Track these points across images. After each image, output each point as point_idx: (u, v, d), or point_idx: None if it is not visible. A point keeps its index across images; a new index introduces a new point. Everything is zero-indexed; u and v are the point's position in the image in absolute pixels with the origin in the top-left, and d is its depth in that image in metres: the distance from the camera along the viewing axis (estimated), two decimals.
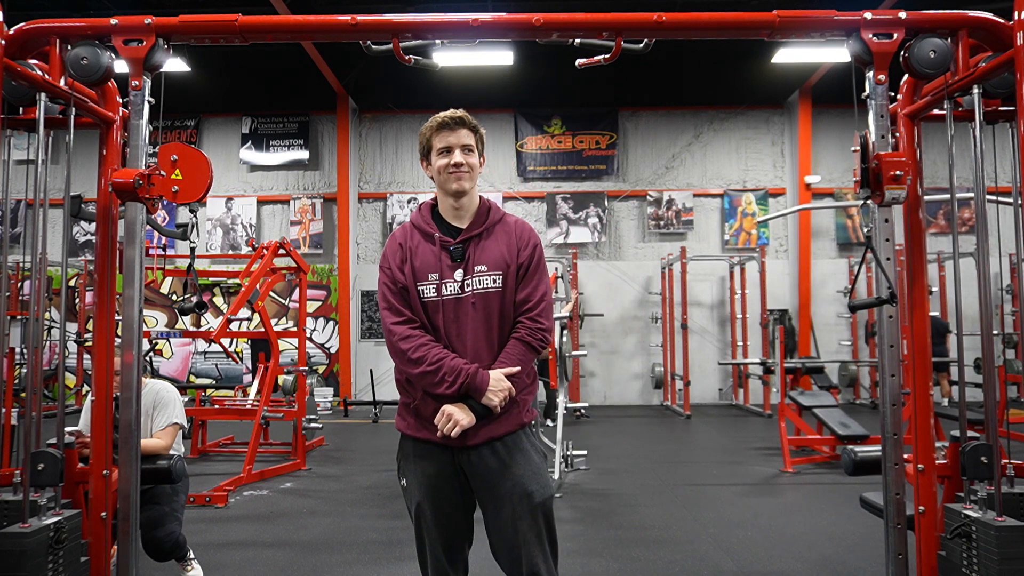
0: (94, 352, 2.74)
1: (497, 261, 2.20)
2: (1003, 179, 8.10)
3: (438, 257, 2.20)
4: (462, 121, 2.25)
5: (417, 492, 2.20)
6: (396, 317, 2.19)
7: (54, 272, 11.28)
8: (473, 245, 2.22)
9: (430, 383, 2.12)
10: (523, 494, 2.12)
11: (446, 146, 2.24)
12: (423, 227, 2.27)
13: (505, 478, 2.14)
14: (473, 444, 2.14)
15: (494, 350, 2.18)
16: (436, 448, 2.18)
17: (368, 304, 12.46)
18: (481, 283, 2.18)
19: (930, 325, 2.78)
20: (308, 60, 10.65)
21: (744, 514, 4.96)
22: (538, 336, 2.20)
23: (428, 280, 2.19)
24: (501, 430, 2.16)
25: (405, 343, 2.15)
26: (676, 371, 11.19)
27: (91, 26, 2.62)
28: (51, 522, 2.46)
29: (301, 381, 7.17)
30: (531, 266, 2.23)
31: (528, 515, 2.12)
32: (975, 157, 2.63)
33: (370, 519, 4.88)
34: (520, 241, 2.25)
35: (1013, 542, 2.34)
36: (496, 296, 2.19)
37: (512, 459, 2.16)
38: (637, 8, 3.01)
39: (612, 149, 12.48)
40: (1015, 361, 9.50)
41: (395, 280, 2.22)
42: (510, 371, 2.15)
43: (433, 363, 2.10)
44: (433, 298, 2.19)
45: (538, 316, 2.21)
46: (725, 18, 2.74)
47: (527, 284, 2.22)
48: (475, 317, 2.16)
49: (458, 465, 2.18)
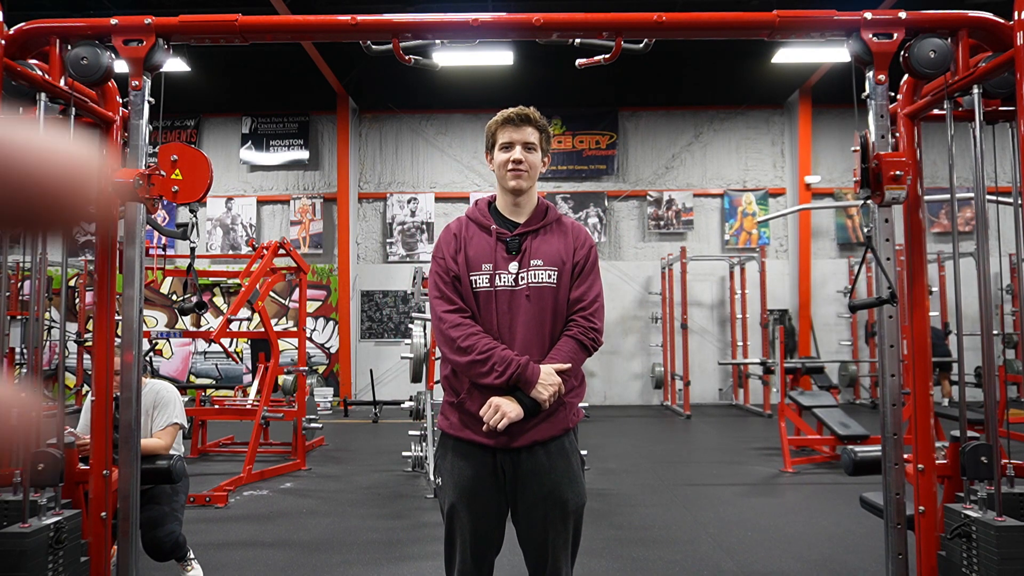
0: (94, 352, 2.75)
1: (553, 257, 2.17)
2: (1003, 179, 8.11)
3: (493, 248, 2.17)
4: (527, 118, 2.20)
5: (452, 492, 2.15)
6: (447, 305, 2.14)
7: (54, 272, 11.28)
8: (530, 239, 2.19)
9: (478, 372, 2.06)
10: (559, 501, 2.10)
11: (508, 142, 2.19)
12: (479, 219, 2.24)
13: (544, 483, 2.11)
14: (517, 446, 2.10)
15: (544, 346, 2.14)
16: (477, 449, 2.13)
17: (368, 304, 12.46)
18: (536, 277, 2.14)
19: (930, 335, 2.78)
20: (308, 60, 10.65)
21: (744, 514, 4.96)
22: (591, 336, 2.16)
23: (482, 270, 2.15)
24: (546, 434, 2.12)
25: (455, 331, 2.09)
26: (676, 371, 11.18)
27: (91, 26, 2.62)
28: (51, 522, 2.46)
29: (301, 381, 7.18)
30: (587, 266, 2.21)
31: (560, 521, 2.11)
32: (975, 157, 2.63)
33: (370, 519, 4.88)
34: (577, 241, 2.23)
35: (1013, 542, 2.34)
36: (550, 292, 2.14)
37: (553, 465, 2.12)
38: (637, 8, 3.01)
39: (612, 149, 12.48)
40: (1015, 361, 9.50)
41: (447, 269, 2.17)
42: (561, 367, 2.09)
43: (483, 352, 2.05)
44: (486, 288, 2.14)
45: (591, 316, 2.17)
46: (725, 18, 2.74)
47: (582, 283, 2.19)
48: (528, 310, 2.12)
49: (499, 467, 2.13)
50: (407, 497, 5.48)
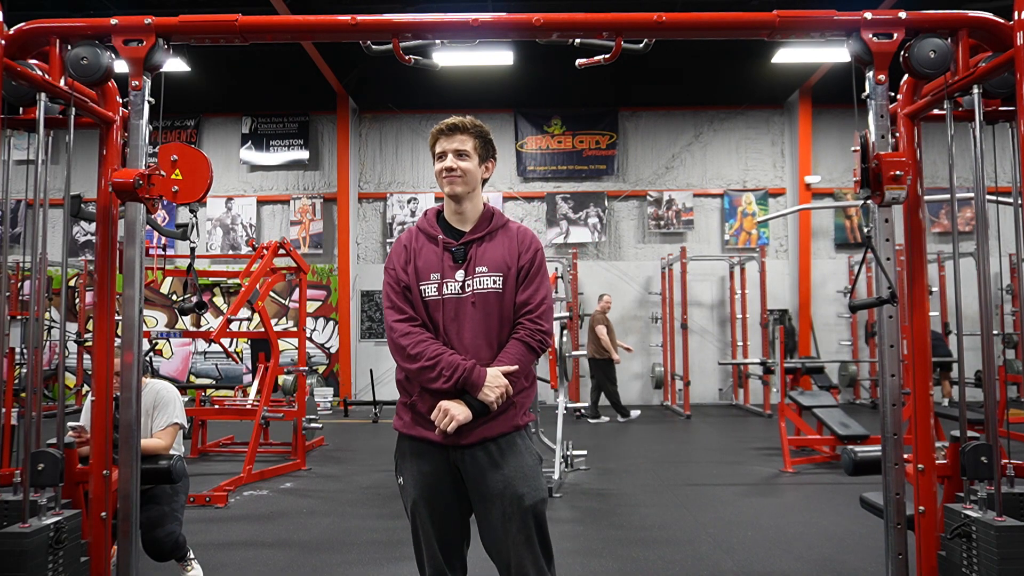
0: (94, 352, 2.75)
1: (498, 263, 2.24)
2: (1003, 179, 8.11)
3: (440, 257, 2.25)
4: (457, 127, 2.30)
5: (413, 490, 2.22)
6: (398, 315, 2.23)
7: (54, 272, 11.28)
8: (475, 247, 2.27)
9: (428, 378, 2.14)
10: (513, 496, 2.14)
11: (442, 151, 2.30)
12: (428, 230, 2.33)
13: (496, 479, 2.15)
14: (467, 443, 2.16)
15: (493, 350, 2.21)
16: (432, 446, 2.20)
17: (368, 304, 12.46)
18: (481, 284, 2.22)
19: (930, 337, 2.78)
20: (308, 60, 10.65)
21: (744, 514, 4.96)
22: (537, 338, 2.23)
23: (430, 279, 2.24)
24: (495, 431, 2.18)
25: (405, 339, 2.19)
26: (676, 371, 11.18)
27: (91, 26, 2.62)
28: (51, 522, 2.46)
29: (301, 381, 7.18)
30: (531, 269, 2.27)
31: (518, 518, 2.14)
32: (975, 157, 2.63)
33: (370, 519, 4.88)
34: (522, 245, 2.29)
35: (1013, 542, 2.34)
36: (496, 297, 2.22)
37: (504, 460, 2.17)
38: (637, 8, 3.01)
39: (612, 149, 12.48)
40: (1015, 361, 9.50)
41: (398, 280, 2.27)
42: (508, 369, 2.17)
43: (431, 358, 2.14)
44: (434, 297, 2.23)
45: (538, 318, 2.24)
46: (725, 18, 2.74)
47: (527, 287, 2.25)
48: (474, 316, 2.20)
49: (453, 464, 2.20)
50: None
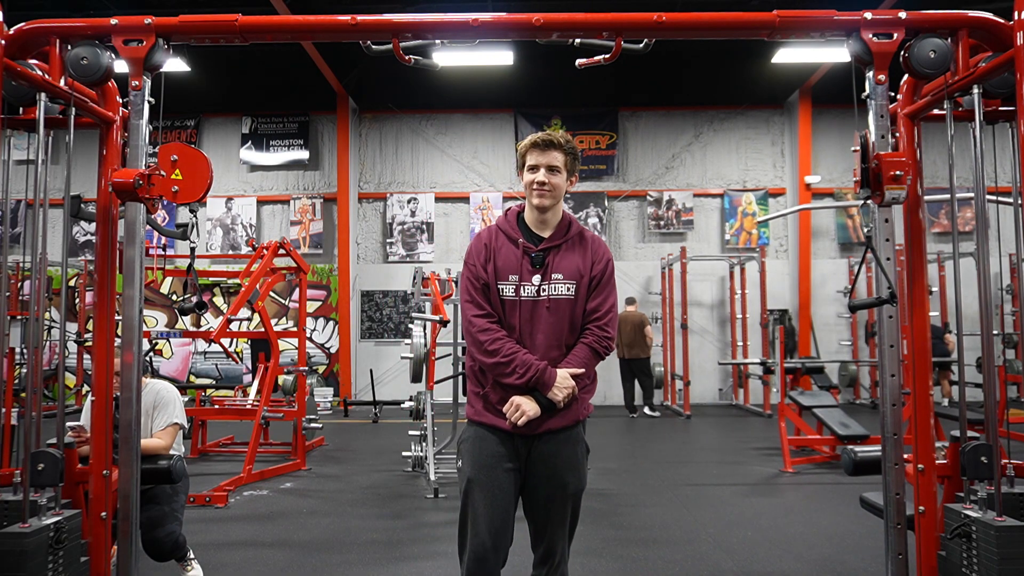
0: (94, 352, 2.75)
1: (572, 271, 2.40)
2: (1003, 179, 8.11)
3: (519, 261, 2.40)
4: (552, 143, 2.41)
5: (470, 469, 2.37)
6: (477, 310, 2.38)
7: (54, 272, 11.28)
8: (553, 254, 2.42)
9: (502, 373, 2.31)
10: (560, 483, 2.36)
11: (535, 164, 2.41)
12: (508, 232, 2.46)
13: (548, 466, 2.36)
14: (533, 434, 2.34)
15: (562, 351, 2.38)
16: (497, 433, 2.36)
17: (368, 304, 12.46)
18: (556, 290, 2.38)
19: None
20: (308, 60, 10.65)
21: (744, 514, 4.96)
22: (604, 344, 2.41)
23: (508, 280, 2.39)
24: (560, 423, 2.36)
25: (484, 335, 2.34)
26: (676, 371, 11.18)
27: (91, 26, 2.62)
28: (51, 522, 2.46)
29: (301, 381, 7.17)
30: (603, 279, 2.44)
31: (560, 501, 2.37)
32: (975, 157, 2.63)
33: (370, 519, 4.88)
34: (595, 255, 2.45)
35: (1013, 542, 2.34)
36: (568, 303, 2.38)
37: (559, 451, 2.37)
38: (637, 8, 3.01)
39: (612, 149, 12.48)
40: (1015, 361, 9.50)
41: (478, 276, 2.41)
42: (576, 372, 2.35)
43: (507, 355, 2.30)
44: (512, 297, 2.38)
45: (605, 325, 2.41)
46: (725, 18, 2.74)
47: (598, 295, 2.42)
48: (548, 320, 2.36)
49: (516, 448, 2.36)
50: (407, 497, 5.48)
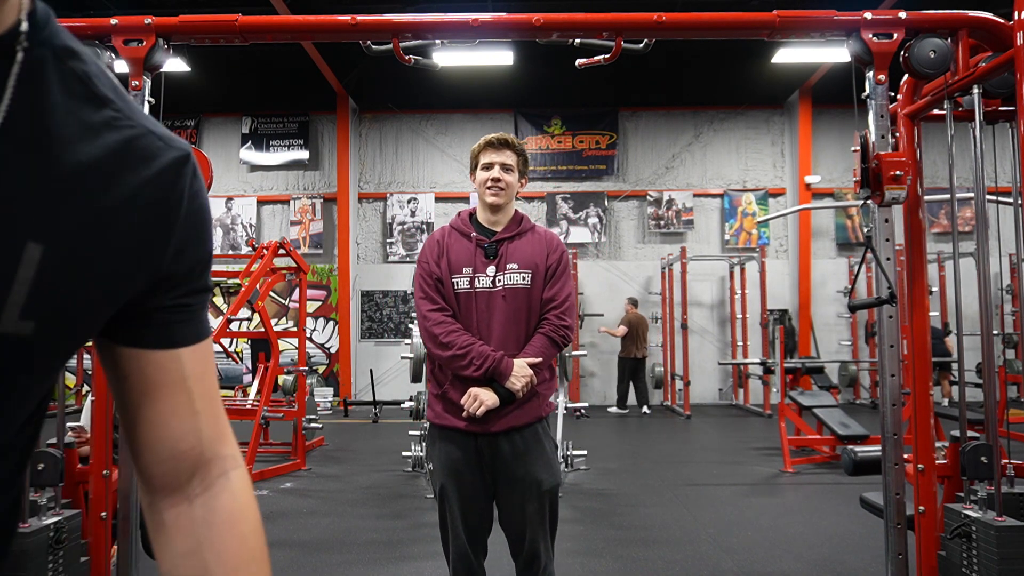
0: (94, 352, 2.74)
1: (527, 260, 2.40)
2: (1003, 179, 8.11)
3: (473, 253, 2.41)
4: (506, 143, 2.46)
5: (441, 474, 2.37)
6: (431, 305, 2.38)
7: None
8: (506, 245, 2.43)
9: (459, 366, 2.30)
10: (534, 481, 2.33)
11: (488, 162, 2.44)
12: (461, 228, 2.48)
13: (519, 466, 2.33)
14: (494, 431, 2.32)
15: (520, 342, 2.37)
16: (460, 434, 2.35)
17: (368, 304, 12.46)
18: (512, 279, 2.38)
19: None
20: (308, 60, 10.64)
21: (744, 514, 4.96)
22: (561, 332, 2.40)
23: (462, 273, 2.39)
24: (520, 421, 2.34)
25: (438, 328, 2.33)
26: (676, 371, 11.18)
27: (91, 26, 2.62)
28: (51, 522, 2.46)
29: (301, 381, 7.18)
30: (558, 269, 2.44)
31: (536, 500, 2.34)
32: (975, 157, 2.63)
33: (370, 519, 4.88)
34: (549, 246, 2.46)
35: (1013, 542, 2.34)
36: (524, 293, 2.38)
37: (527, 449, 2.35)
38: (637, 8, 3.01)
39: (612, 149, 12.48)
40: (1015, 361, 9.50)
41: (431, 272, 2.41)
42: (532, 361, 2.33)
43: (463, 347, 2.29)
44: (466, 290, 2.38)
45: (562, 314, 2.40)
46: (725, 18, 2.75)
47: (553, 284, 2.42)
48: (504, 310, 2.36)
49: (479, 450, 2.34)
50: (407, 497, 5.48)
